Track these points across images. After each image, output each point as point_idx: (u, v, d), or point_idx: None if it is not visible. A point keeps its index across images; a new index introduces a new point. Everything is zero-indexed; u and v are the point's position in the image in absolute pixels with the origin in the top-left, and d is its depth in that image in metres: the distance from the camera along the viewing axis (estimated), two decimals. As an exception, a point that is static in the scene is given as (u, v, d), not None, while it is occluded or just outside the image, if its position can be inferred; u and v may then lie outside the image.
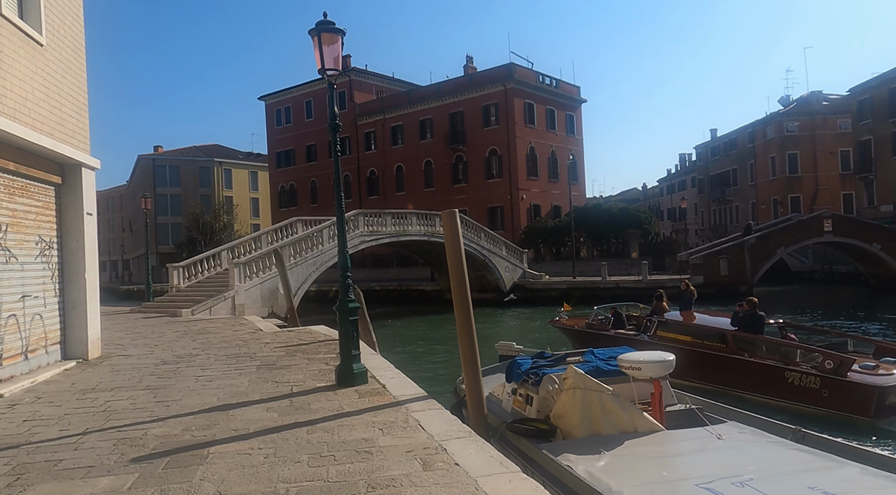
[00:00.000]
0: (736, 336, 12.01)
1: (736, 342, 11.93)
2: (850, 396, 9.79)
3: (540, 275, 35.94)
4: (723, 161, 64.80)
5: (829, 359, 10.34)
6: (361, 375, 7.67)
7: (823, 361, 10.38)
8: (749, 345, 11.82)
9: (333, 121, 7.88)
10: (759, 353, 11.57)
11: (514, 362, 7.87)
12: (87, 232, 10.37)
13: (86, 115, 10.72)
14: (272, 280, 22.58)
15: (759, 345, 11.71)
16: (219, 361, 10.13)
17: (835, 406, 9.96)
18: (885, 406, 9.59)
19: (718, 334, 12.30)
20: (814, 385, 10.28)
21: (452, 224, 7.24)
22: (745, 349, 11.77)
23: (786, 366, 10.96)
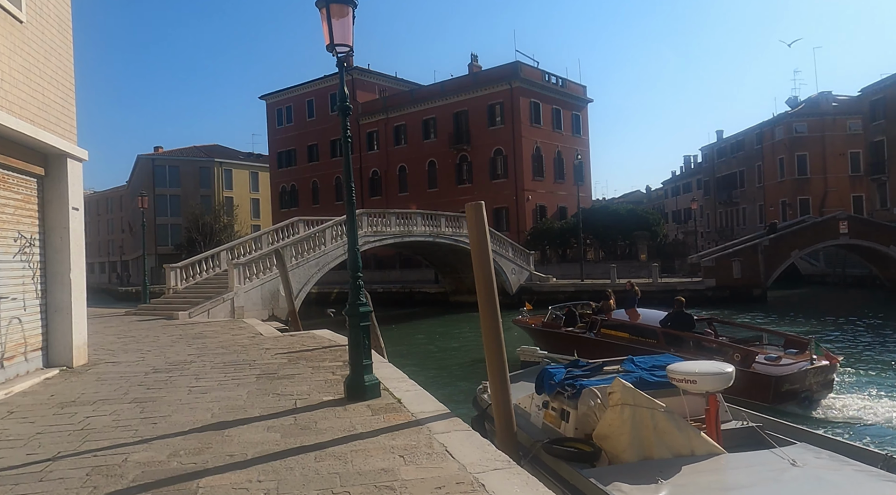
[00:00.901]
0: (665, 332, 13.17)
1: (665, 338, 13.08)
2: (753, 385, 10.64)
3: (547, 278, 35.10)
4: (729, 162, 64.00)
5: (737, 352, 11.49)
6: (374, 388, 6.83)
7: (733, 354, 11.40)
8: (676, 340, 12.88)
9: (343, 102, 7.05)
10: (684, 347, 12.46)
11: (546, 372, 7.02)
12: (72, 228, 9.54)
13: (72, 102, 9.90)
14: (273, 281, 21.74)
15: (685, 341, 12.75)
16: (215, 369, 9.29)
17: (741, 393, 10.24)
18: (781, 393, 10.75)
19: (651, 331, 13.54)
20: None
21: (478, 217, 6.41)
22: (672, 344, 12.75)
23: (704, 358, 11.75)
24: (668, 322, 13.41)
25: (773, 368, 11.11)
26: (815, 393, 11.14)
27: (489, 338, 6.48)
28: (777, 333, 13.77)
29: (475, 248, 6.41)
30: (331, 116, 54.66)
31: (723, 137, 67.40)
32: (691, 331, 12.99)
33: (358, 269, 7.08)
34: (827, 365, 11.22)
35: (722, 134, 68.08)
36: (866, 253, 34.79)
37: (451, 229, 30.89)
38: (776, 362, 11.40)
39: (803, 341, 11.97)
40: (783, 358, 11.63)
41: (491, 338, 6.46)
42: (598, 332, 14.75)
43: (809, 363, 11.01)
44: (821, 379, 11.15)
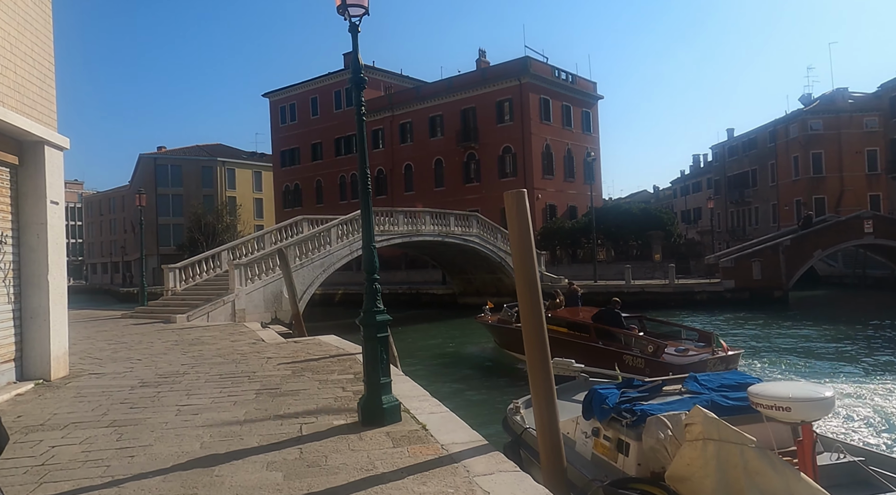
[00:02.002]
0: (596, 327, 14.50)
1: (596, 332, 14.45)
2: (662, 372, 11.54)
3: (559, 279, 33.94)
4: (741, 161, 62.75)
5: (650, 344, 13.11)
6: (394, 411, 5.78)
7: (647, 346, 13.13)
8: (605, 334, 14.35)
9: (357, 75, 6.03)
10: (611, 341, 14.14)
11: (596, 394, 5.95)
12: (51, 224, 8.52)
13: (51, 83, 8.87)
14: (276, 283, 20.71)
15: (614, 335, 14.21)
16: (210, 383, 8.26)
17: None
18: None
19: (585, 326, 14.86)
20: (640, 364, 12.96)
21: (520, 207, 5.36)
22: (601, 337, 14.31)
23: (625, 350, 13.53)
24: (603, 318, 14.66)
25: (678, 358, 12.71)
26: None
27: (533, 350, 5.43)
28: (691, 329, 15.43)
29: (517, 243, 5.36)
30: (335, 114, 53.67)
31: (734, 136, 66.12)
32: (619, 327, 14.40)
33: (374, 270, 6.05)
34: (728, 355, 12.74)
35: (733, 132, 66.82)
36: (889, 253, 33.59)
37: (460, 229, 29.83)
38: (684, 353, 13.01)
39: (709, 335, 13.50)
40: (691, 350, 13.21)
41: (535, 350, 5.41)
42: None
43: (711, 354, 12.57)
44: (721, 368, 12.45)
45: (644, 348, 13.17)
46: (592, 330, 14.42)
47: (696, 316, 27.73)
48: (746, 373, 6.93)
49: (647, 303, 30.58)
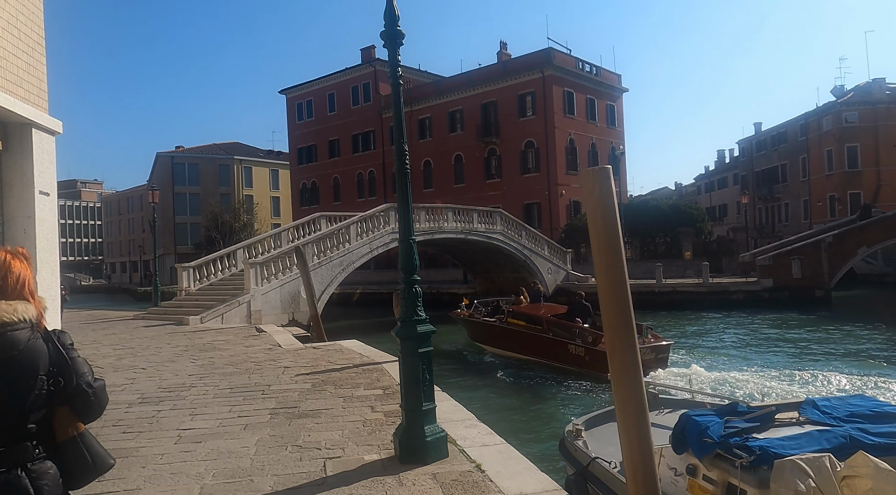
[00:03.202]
0: (548, 321, 16.26)
1: (548, 325, 16.17)
2: (600, 361, 13.21)
3: (585, 278, 32.63)
4: (770, 156, 60.68)
5: (590, 335, 14.79)
6: (439, 444, 4.65)
7: (587, 337, 14.87)
8: (555, 326, 16.00)
9: (393, 27, 4.88)
10: (560, 333, 15.75)
11: (691, 421, 4.77)
12: (40, 217, 7.52)
13: (41, 59, 7.87)
14: (293, 282, 19.73)
15: (564, 328, 15.75)
16: (219, 399, 7.21)
17: (592, 368, 14.06)
18: None
19: (539, 319, 16.61)
20: (582, 353, 14.77)
21: (603, 188, 4.18)
22: (552, 330, 16.00)
23: (571, 340, 15.19)
24: (574, 310, 16.34)
25: None
26: (649, 367, 13.65)
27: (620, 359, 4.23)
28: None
29: (600, 228, 4.18)
30: (352, 110, 52.74)
31: (761, 130, 64.05)
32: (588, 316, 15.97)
33: (414, 270, 4.92)
34: (658, 345, 14.49)
35: (760, 126, 64.71)
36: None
37: (483, 226, 28.64)
38: None
39: (639, 326, 14.13)
40: None
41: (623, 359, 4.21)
42: (504, 321, 18.01)
43: (643, 343, 13.62)
44: (653, 357, 14.18)
45: (585, 338, 14.96)
46: (545, 323, 16.37)
47: (732, 317, 26.28)
48: (870, 396, 5.70)
49: (680, 304, 29.17)
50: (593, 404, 11.94)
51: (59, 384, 1.87)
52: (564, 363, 15.18)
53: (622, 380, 4.23)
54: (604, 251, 4.23)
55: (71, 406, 1.91)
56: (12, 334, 1.81)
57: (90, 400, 1.93)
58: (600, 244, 4.25)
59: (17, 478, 1.77)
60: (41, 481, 1.81)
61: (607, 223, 4.18)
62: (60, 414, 1.90)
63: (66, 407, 1.90)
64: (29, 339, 1.84)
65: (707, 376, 13.89)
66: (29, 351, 1.83)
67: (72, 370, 1.90)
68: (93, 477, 1.97)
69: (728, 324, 24.95)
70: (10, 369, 1.79)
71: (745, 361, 16.33)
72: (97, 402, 1.96)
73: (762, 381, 13.31)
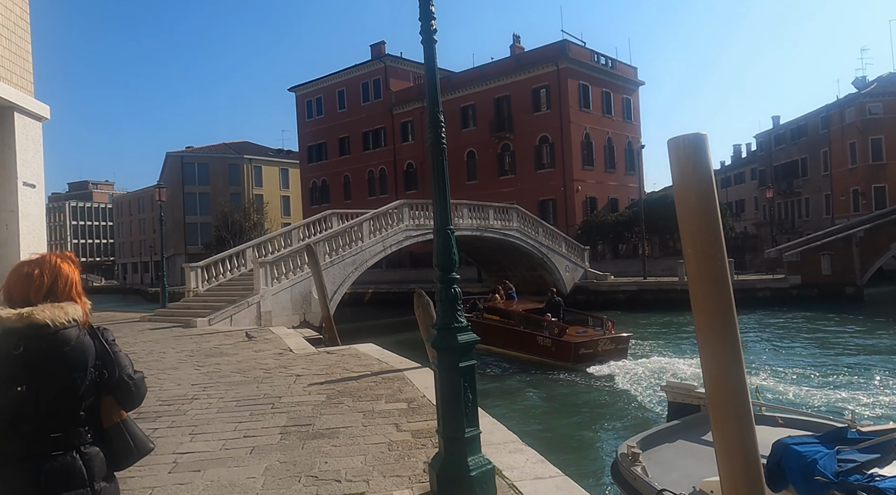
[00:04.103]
0: (520, 315, 17.52)
1: (520, 319, 17.44)
2: (564, 350, 15.36)
3: (605, 276, 31.69)
4: (790, 150, 59.25)
5: (556, 327, 16.19)
6: (485, 479, 3.81)
7: (554, 329, 16.15)
8: (526, 320, 17.31)
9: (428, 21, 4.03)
10: (530, 326, 17.04)
11: (790, 451, 3.88)
12: (24, 212, 6.76)
13: (25, 37, 7.10)
14: (304, 282, 18.98)
15: (534, 322, 17.06)
16: (223, 414, 6.41)
17: (557, 357, 15.53)
18: (579, 355, 15.31)
19: (512, 315, 17.81)
20: (548, 344, 16.01)
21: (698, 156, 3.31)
22: (523, 323, 17.23)
23: (539, 333, 16.29)
24: (549, 307, 18.10)
25: (575, 338, 15.89)
26: (609, 357, 15.60)
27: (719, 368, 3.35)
28: (595, 316, 17.85)
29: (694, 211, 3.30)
30: (362, 106, 51.99)
31: (779, 123, 62.61)
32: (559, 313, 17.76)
33: (452, 266, 4.08)
34: (619, 336, 16.14)
35: (779, 120, 63.27)
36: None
37: (499, 222, 27.75)
38: (582, 336, 16.19)
39: (601, 319, 16.86)
40: (588, 332, 16.53)
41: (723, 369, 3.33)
42: (480, 316, 18.87)
43: (603, 334, 15.92)
44: (612, 347, 15.81)
45: (552, 330, 16.25)
46: (517, 318, 17.59)
47: (758, 315, 25.24)
48: None
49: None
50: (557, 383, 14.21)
51: (104, 375, 2.03)
52: (533, 354, 16.60)
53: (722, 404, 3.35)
54: (699, 240, 3.34)
55: (114, 395, 2.07)
56: (64, 332, 1.98)
57: (131, 390, 2.10)
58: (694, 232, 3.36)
59: (72, 460, 1.95)
60: (92, 463, 1.98)
61: (704, 205, 3.30)
62: (106, 403, 2.07)
63: (111, 396, 2.07)
64: (78, 336, 2.00)
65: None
66: (78, 346, 1.99)
67: (115, 363, 2.06)
68: (135, 459, 2.15)
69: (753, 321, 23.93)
70: (64, 363, 1.96)
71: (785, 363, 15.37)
72: (137, 392, 2.14)
73: (814, 389, 12.34)
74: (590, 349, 15.50)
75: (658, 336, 21.81)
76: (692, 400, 6.39)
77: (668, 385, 6.73)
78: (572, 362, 15.25)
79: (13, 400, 1.91)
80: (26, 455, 1.92)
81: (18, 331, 1.94)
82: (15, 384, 1.91)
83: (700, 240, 3.33)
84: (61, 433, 1.96)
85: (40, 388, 1.93)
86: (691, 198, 3.33)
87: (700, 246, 3.32)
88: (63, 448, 1.96)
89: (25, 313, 1.95)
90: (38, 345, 1.94)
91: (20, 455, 1.92)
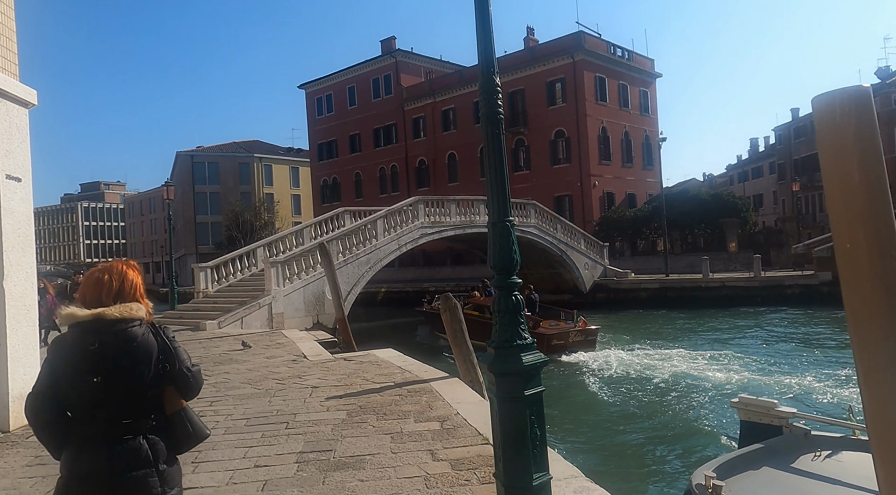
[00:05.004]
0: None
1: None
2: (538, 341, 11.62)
3: (625, 273, 30.73)
4: (810, 142, 57.65)
5: (531, 320, 16.74)
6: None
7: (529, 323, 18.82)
8: None
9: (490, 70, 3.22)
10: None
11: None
12: (8, 209, 6.04)
13: (10, 14, 6.39)
14: (316, 282, 18.24)
15: None
16: (231, 436, 5.65)
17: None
18: (551, 345, 16.50)
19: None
20: None
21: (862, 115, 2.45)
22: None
23: None
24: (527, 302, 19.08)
25: (549, 330, 17.04)
26: (579, 348, 16.97)
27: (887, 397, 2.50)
28: (566, 311, 19.03)
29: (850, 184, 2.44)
30: (373, 103, 51.25)
31: (799, 115, 61.08)
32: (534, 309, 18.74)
33: (513, 267, 3.27)
34: (588, 329, 17.39)
35: (798, 112, 61.73)
36: None
37: (517, 219, 26.85)
38: (554, 328, 17.38)
39: (571, 313, 18.33)
40: (561, 325, 17.74)
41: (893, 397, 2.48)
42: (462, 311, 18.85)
43: (573, 327, 17.30)
44: (581, 338, 17.20)
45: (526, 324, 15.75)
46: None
47: (787, 314, 24.22)
48: None
49: (728, 300, 27.12)
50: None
51: (166, 368, 2.25)
52: None
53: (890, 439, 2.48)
54: (864, 229, 2.48)
55: (175, 386, 2.29)
56: (132, 329, 2.21)
57: (189, 381, 2.31)
58: (854, 219, 2.50)
59: (139, 444, 2.17)
60: (156, 447, 2.20)
61: (870, 182, 2.43)
62: (168, 393, 2.29)
63: (172, 387, 2.29)
64: (143, 334, 2.23)
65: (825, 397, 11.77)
66: (144, 342, 2.22)
67: (175, 357, 2.28)
68: (194, 443, 2.36)
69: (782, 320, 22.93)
70: (132, 357, 2.18)
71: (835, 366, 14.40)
72: (195, 383, 2.34)
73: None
74: (561, 340, 17.00)
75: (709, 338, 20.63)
76: (772, 419, 5.52)
77: (740, 401, 5.86)
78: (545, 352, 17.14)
79: (90, 389, 2.11)
80: (101, 438, 2.12)
81: (93, 329, 2.16)
82: (91, 376, 2.11)
83: (865, 228, 2.46)
84: (131, 419, 2.16)
85: (113, 380, 2.13)
86: (851, 173, 2.47)
87: (864, 236, 2.46)
88: (132, 432, 2.16)
89: (98, 312, 2.18)
90: (111, 342, 2.15)
91: (96, 438, 2.13)
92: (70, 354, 2.14)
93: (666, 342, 19.11)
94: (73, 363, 2.13)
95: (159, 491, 2.17)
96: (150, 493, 2.15)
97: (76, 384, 2.11)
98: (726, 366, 14.98)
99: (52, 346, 2.20)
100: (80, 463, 2.11)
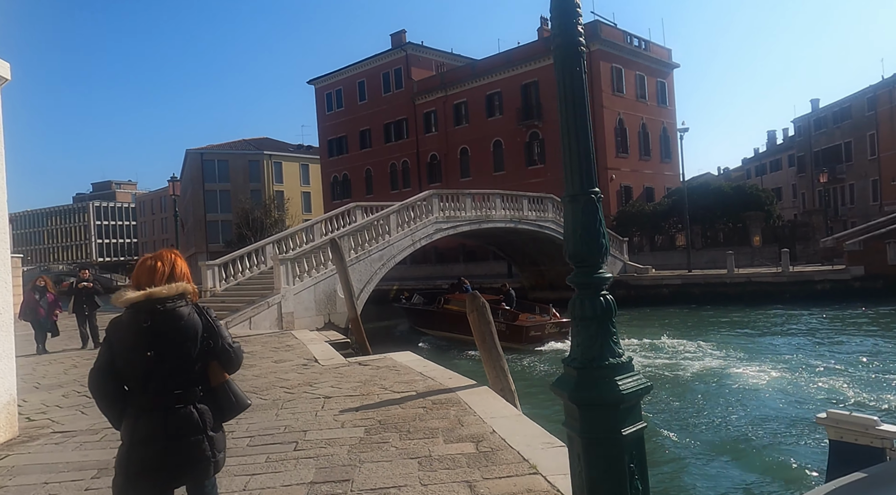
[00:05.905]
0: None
1: None
2: (516, 333, 17.79)
3: (645, 269, 29.72)
4: (832, 134, 56.25)
5: (509, 314, 18.62)
6: None
7: (508, 315, 18.44)
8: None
9: None
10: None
11: None
12: (-24, 197, 5.22)
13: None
14: (328, 280, 17.46)
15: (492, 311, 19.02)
16: (232, 459, 4.76)
17: (511, 340, 17.01)
18: (529, 336, 17.86)
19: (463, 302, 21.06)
20: (503, 329, 16.08)
21: None
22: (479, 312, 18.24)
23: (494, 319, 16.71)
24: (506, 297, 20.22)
25: (526, 322, 18.08)
26: (553, 339, 18.15)
27: None
28: (542, 305, 19.98)
29: None
30: (383, 97, 50.43)
31: (818, 107, 59.55)
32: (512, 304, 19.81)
33: (599, 259, 2.41)
34: (562, 321, 18.33)
35: (818, 103, 60.20)
36: None
37: (534, 213, 25.99)
38: (532, 321, 18.30)
39: (547, 307, 19.37)
40: (537, 318, 18.65)
41: None
42: (440, 307, 20.89)
43: (549, 320, 18.59)
44: (556, 330, 18.32)
45: (506, 316, 18.07)
46: None
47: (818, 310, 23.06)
48: None
49: (756, 296, 26.01)
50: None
51: (210, 344, 2.47)
52: None
53: None
54: None
55: (219, 360, 2.51)
56: (180, 309, 2.42)
57: (231, 356, 2.53)
58: None
59: (190, 413, 2.41)
60: (204, 416, 2.44)
61: None
62: (213, 367, 2.51)
63: (216, 361, 2.51)
64: (190, 313, 2.45)
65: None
66: (191, 321, 2.43)
67: (218, 334, 2.49)
68: (237, 413, 2.59)
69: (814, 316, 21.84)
70: (181, 334, 2.40)
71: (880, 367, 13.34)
72: (236, 358, 2.55)
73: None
74: (538, 332, 18.06)
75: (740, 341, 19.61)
76: (871, 440, 4.60)
77: (828, 417, 4.91)
78: (523, 343, 17.44)
79: (144, 362, 2.35)
80: (156, 406, 2.36)
81: (146, 308, 2.38)
82: (145, 350, 2.35)
83: None
84: (181, 390, 2.39)
85: (164, 354, 2.37)
86: None
87: None
88: (183, 402, 2.40)
89: (149, 291, 2.40)
90: (161, 320, 2.38)
91: (151, 407, 2.37)
92: (125, 332, 2.38)
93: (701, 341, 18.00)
94: (129, 340, 2.36)
95: (209, 453, 2.42)
96: (202, 456, 2.40)
97: (131, 359, 2.35)
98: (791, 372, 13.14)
99: (109, 326, 2.46)
100: (139, 429, 2.33)
